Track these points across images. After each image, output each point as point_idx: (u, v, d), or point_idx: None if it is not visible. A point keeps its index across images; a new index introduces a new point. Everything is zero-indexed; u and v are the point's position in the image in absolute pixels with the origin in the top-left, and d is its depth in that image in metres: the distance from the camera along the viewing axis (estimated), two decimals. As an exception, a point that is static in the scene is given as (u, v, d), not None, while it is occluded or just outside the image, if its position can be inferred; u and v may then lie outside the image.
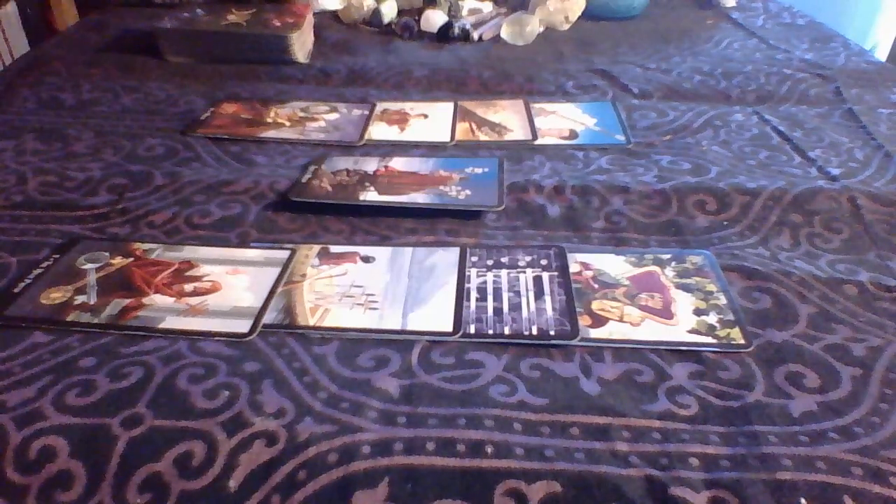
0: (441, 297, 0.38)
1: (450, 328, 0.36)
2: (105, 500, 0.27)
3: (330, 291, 0.39)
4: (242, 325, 0.36)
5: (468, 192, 0.48)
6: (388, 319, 0.37)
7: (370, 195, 0.47)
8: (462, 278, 0.40)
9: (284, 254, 0.43)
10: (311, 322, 0.37)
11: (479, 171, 0.51)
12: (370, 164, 0.51)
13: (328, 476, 0.27)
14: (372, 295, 0.39)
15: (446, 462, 0.28)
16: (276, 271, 0.41)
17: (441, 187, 0.48)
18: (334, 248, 0.43)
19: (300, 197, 0.47)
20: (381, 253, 0.42)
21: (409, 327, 0.36)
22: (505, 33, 0.83)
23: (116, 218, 0.46)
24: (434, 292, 0.39)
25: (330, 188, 0.47)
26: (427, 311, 0.37)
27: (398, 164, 0.52)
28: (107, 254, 0.42)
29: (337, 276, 0.41)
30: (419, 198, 0.47)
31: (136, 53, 0.75)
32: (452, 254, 0.42)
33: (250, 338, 0.36)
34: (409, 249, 0.43)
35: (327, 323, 0.37)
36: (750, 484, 0.27)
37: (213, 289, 0.40)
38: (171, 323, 0.36)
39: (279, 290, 0.39)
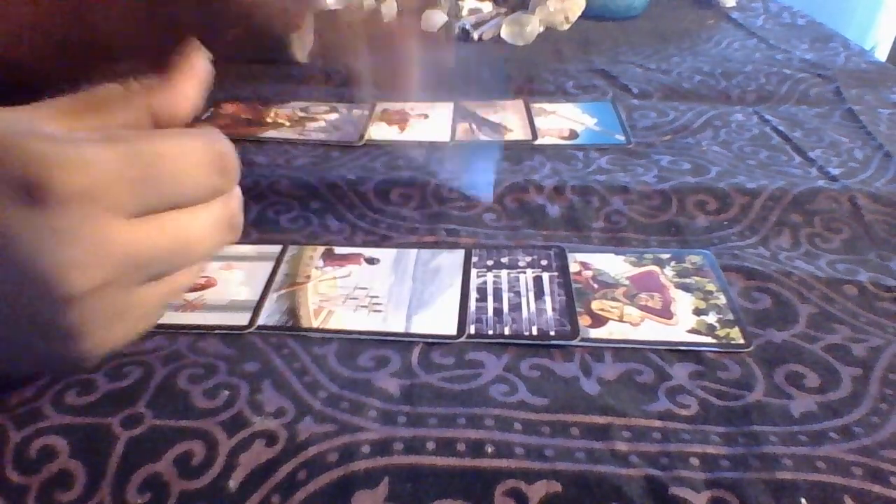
0: (445, 300, 0.38)
1: (454, 331, 0.36)
2: (105, 500, 0.27)
3: (334, 293, 0.39)
4: (241, 319, 0.37)
5: None
6: (392, 322, 0.37)
7: None
8: (467, 281, 0.40)
9: (276, 248, 0.43)
10: (315, 324, 0.37)
11: None
12: None
13: (328, 475, 0.27)
14: (376, 297, 0.38)
15: (446, 462, 0.28)
16: (269, 265, 0.41)
17: None
18: (339, 250, 0.43)
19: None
20: (385, 254, 0.42)
21: (413, 330, 0.36)
22: (505, 33, 0.84)
23: (116, 218, 0.46)
24: (438, 294, 0.39)
25: None
26: (431, 313, 0.37)
27: None
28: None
29: (341, 277, 0.41)
30: None
31: (136, 53, 0.75)
32: (458, 255, 0.42)
33: (250, 330, 0.36)
34: (413, 251, 0.42)
35: (331, 325, 0.37)
36: (750, 484, 0.27)
37: (209, 284, 0.40)
38: (170, 318, 0.36)
39: (283, 291, 0.39)
